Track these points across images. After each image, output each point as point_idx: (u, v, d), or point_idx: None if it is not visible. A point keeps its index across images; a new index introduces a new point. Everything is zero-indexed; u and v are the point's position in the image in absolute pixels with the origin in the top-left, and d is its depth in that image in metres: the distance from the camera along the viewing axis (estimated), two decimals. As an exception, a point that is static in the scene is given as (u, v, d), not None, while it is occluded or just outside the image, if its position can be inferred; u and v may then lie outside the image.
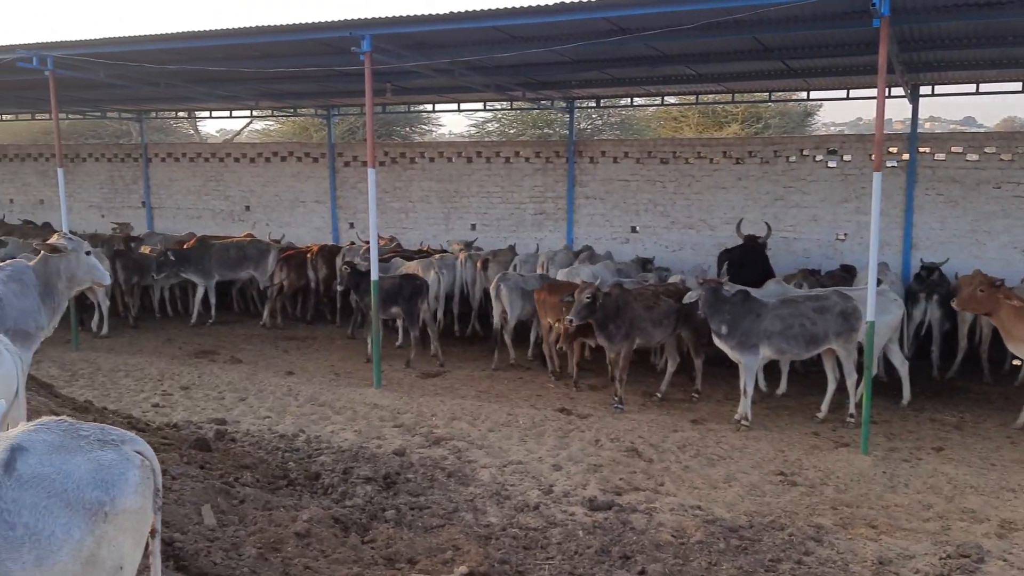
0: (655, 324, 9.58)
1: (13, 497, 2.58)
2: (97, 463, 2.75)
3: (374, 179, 10.21)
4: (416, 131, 27.45)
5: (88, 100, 18.05)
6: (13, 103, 18.66)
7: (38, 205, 21.34)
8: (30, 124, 24.72)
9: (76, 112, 20.34)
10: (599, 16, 8.68)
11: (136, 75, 12.96)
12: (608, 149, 15.87)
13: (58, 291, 6.72)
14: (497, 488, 7.11)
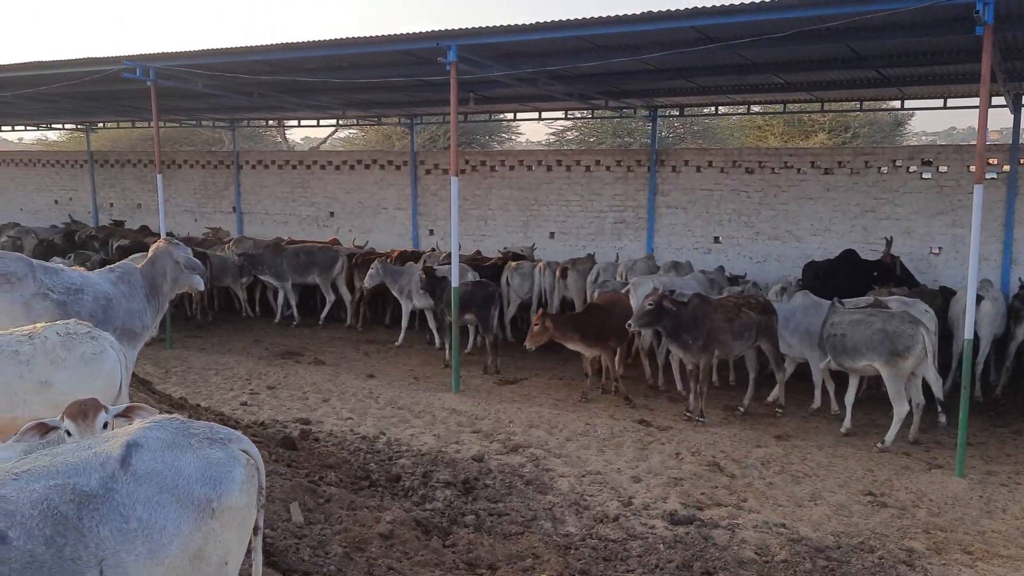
0: (735, 336, 9.39)
1: (128, 491, 2.68)
2: (206, 460, 2.85)
3: (457, 187, 10.33)
4: (495, 139, 27.67)
5: (185, 109, 18.82)
6: (115, 111, 19.59)
7: (136, 209, 22.31)
8: (129, 132, 25.90)
9: (173, 120, 21.20)
10: (687, 25, 8.59)
11: (231, 85, 13.43)
12: (691, 158, 15.69)
13: (162, 293, 7.02)
14: (576, 498, 7.09)
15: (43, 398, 4.47)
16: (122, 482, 2.69)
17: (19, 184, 24.55)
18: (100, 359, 4.59)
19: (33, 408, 4.43)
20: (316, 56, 11.28)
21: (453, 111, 10.26)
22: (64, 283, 6.43)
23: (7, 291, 6.09)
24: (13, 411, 4.47)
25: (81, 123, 23.14)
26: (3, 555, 2.46)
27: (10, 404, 4.48)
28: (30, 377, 4.49)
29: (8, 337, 4.61)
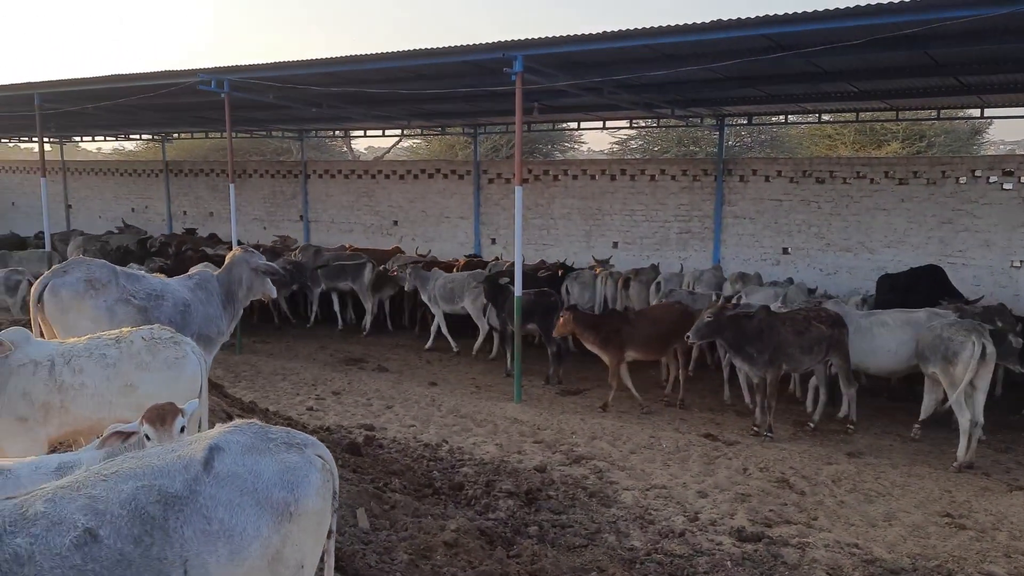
0: (804, 351, 9.15)
1: (211, 494, 2.74)
2: (284, 465, 2.90)
3: (521, 197, 10.33)
4: (558, 148, 27.66)
5: (256, 120, 19.31)
6: (190, 123, 20.20)
7: (208, 217, 22.95)
8: (202, 142, 26.72)
9: (245, 131, 21.76)
10: (757, 33, 8.45)
11: (301, 97, 13.73)
12: (760, 167, 15.43)
13: (238, 299, 7.20)
14: (640, 512, 6.99)
15: (128, 400, 4.62)
16: (205, 484, 2.75)
17: (98, 193, 25.49)
18: (182, 363, 4.74)
19: (118, 410, 4.58)
20: (383, 68, 11.44)
21: (518, 121, 10.28)
22: (145, 289, 6.64)
23: (92, 296, 6.31)
24: (100, 413, 4.64)
25: (157, 134, 23.93)
26: (95, 553, 2.52)
27: (97, 406, 4.64)
28: (116, 380, 4.66)
29: (96, 341, 4.79)
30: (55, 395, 4.59)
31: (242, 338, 13.51)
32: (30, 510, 2.54)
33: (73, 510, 2.57)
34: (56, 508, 2.56)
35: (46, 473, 3.39)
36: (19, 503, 2.58)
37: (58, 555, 2.48)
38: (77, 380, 4.61)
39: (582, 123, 17.89)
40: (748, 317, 9.01)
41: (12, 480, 3.32)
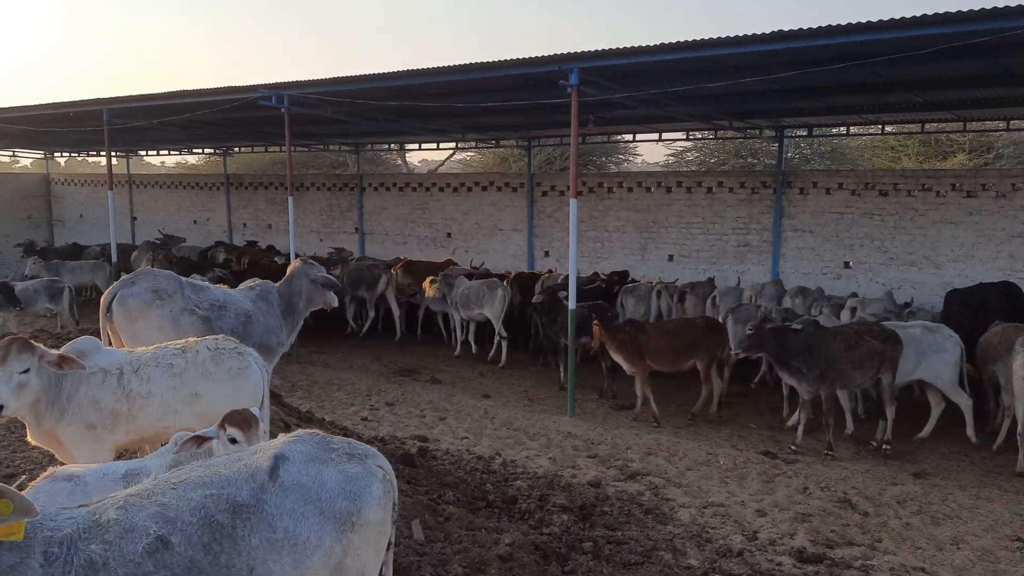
0: (855, 366, 8.90)
1: (276, 502, 2.76)
2: (346, 475, 2.91)
3: (576, 209, 10.30)
4: (612, 160, 27.55)
5: (314, 134, 19.66)
6: (250, 137, 20.68)
7: (267, 229, 23.39)
8: (261, 156, 27.28)
9: (303, 145, 22.16)
10: (820, 44, 8.30)
11: (358, 111, 13.92)
12: (820, 180, 15.13)
13: (298, 311, 7.30)
14: (697, 530, 6.87)
15: (192, 409, 4.72)
16: (271, 493, 2.78)
17: (162, 205, 26.19)
18: (246, 374, 4.82)
19: (183, 419, 4.68)
20: (439, 82, 11.53)
21: (573, 134, 10.26)
22: (209, 300, 6.78)
23: (159, 306, 6.47)
24: (165, 421, 4.74)
25: (219, 148, 24.52)
26: (167, 560, 2.56)
27: (163, 414, 4.75)
28: (182, 389, 4.76)
29: (163, 351, 4.91)
30: (123, 403, 4.69)
31: (299, 348, 13.70)
32: (103, 517, 2.59)
33: (145, 517, 2.61)
34: (128, 515, 2.60)
35: (114, 479, 3.47)
36: (92, 510, 2.63)
37: (131, 561, 2.52)
38: (145, 389, 4.71)
39: (637, 135, 17.79)
40: (795, 331, 8.84)
41: (81, 486, 3.40)
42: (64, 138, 22.08)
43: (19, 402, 4.39)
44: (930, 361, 9.26)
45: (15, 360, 4.30)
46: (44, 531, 2.49)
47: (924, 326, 9.56)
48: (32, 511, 2.25)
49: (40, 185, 28.45)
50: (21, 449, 6.43)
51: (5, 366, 4.29)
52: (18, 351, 4.34)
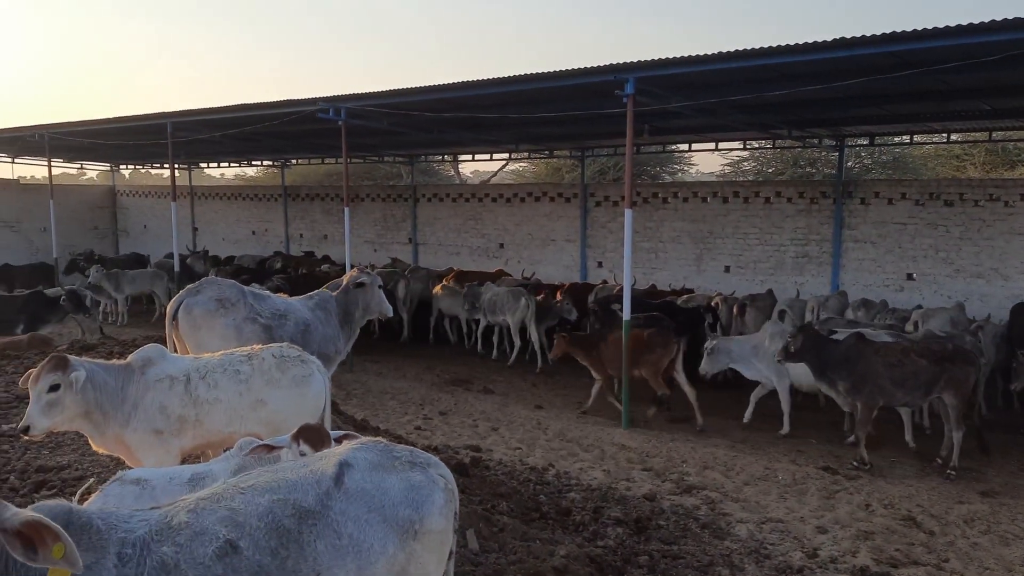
0: (897, 384, 8.66)
1: (341, 509, 2.78)
2: (409, 483, 2.92)
3: (631, 220, 10.24)
4: (666, 170, 27.34)
5: (369, 146, 19.93)
6: (308, 149, 21.04)
7: (322, 240, 23.76)
8: (318, 167, 27.75)
9: (358, 156, 22.48)
10: (883, 51, 8.11)
11: (413, 123, 14.07)
12: (882, 190, 14.80)
13: (355, 320, 7.40)
14: (755, 545, 6.73)
15: (257, 415, 4.80)
16: (336, 499, 2.79)
17: (222, 216, 26.81)
18: (309, 381, 4.90)
19: (248, 424, 4.76)
20: (494, 93, 11.59)
21: (629, 144, 10.20)
22: (270, 308, 6.91)
23: (222, 315, 6.61)
24: (231, 426, 4.83)
25: (277, 160, 25.02)
26: (235, 564, 2.60)
27: (229, 420, 4.84)
28: (248, 396, 4.84)
29: (230, 357, 5.01)
30: (190, 409, 4.79)
31: (353, 357, 13.85)
32: (175, 520, 2.63)
33: (214, 521, 2.65)
34: (199, 519, 2.64)
35: (180, 483, 3.54)
36: (164, 513, 2.68)
37: (201, 564, 2.56)
38: (212, 395, 4.81)
39: (693, 144, 17.63)
40: (835, 342, 8.75)
41: (148, 490, 3.49)
42: (129, 151, 22.79)
43: (51, 420, 4.43)
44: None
45: (44, 379, 4.38)
46: (118, 532, 2.54)
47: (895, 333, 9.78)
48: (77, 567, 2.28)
49: (106, 196, 29.37)
50: (89, 452, 6.61)
51: (35, 385, 4.37)
52: (49, 369, 4.40)
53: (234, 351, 5.15)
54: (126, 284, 18.40)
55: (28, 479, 5.99)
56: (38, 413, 4.38)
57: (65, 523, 2.50)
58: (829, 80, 9.31)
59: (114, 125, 16.60)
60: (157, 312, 18.60)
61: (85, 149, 21.66)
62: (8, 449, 6.85)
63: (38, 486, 5.86)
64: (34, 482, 5.93)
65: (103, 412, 4.68)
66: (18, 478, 6.00)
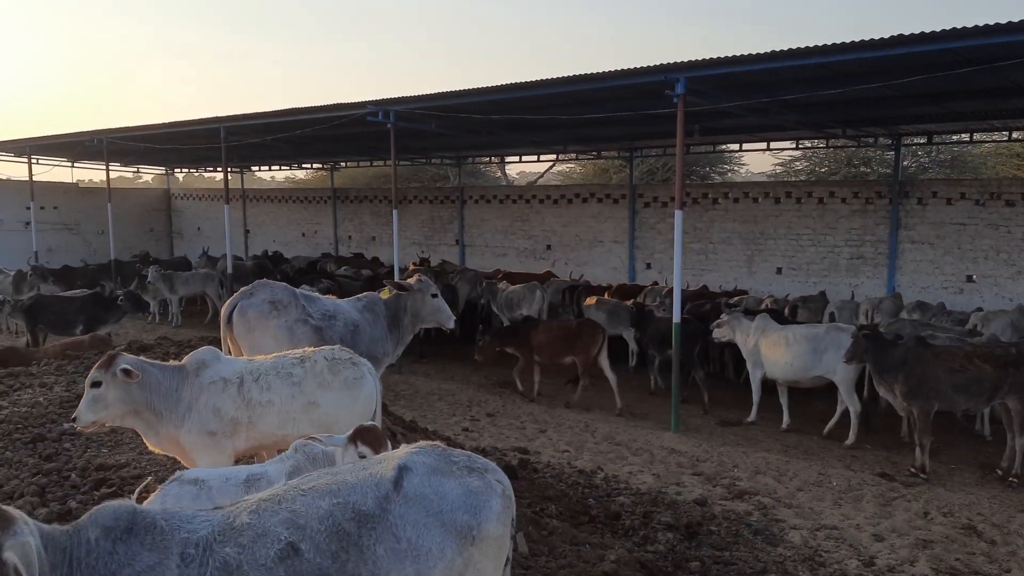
0: (958, 389, 8.42)
1: (400, 513, 2.79)
2: (467, 488, 2.91)
3: (681, 221, 10.14)
4: (716, 170, 27.02)
5: (417, 148, 20.06)
6: (357, 152, 21.29)
7: (370, 241, 24.00)
8: (366, 170, 28.03)
9: (406, 159, 22.66)
10: (943, 48, 7.90)
11: (461, 125, 14.12)
12: (940, 189, 14.43)
13: (403, 325, 7.43)
14: (809, 553, 6.59)
15: (310, 417, 4.84)
16: (395, 503, 2.80)
17: (273, 219, 27.24)
18: (360, 383, 4.93)
19: (300, 426, 4.80)
20: (543, 94, 11.57)
21: (679, 144, 10.09)
22: (321, 310, 6.99)
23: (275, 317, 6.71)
24: (283, 428, 4.88)
25: (326, 162, 25.34)
26: (296, 566, 2.62)
27: (281, 422, 4.89)
28: (300, 398, 4.89)
29: (282, 360, 5.06)
30: (244, 411, 4.84)
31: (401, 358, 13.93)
32: (237, 521, 2.66)
33: (276, 523, 2.67)
34: (260, 520, 2.67)
35: (236, 484, 3.59)
36: (226, 513, 2.71)
37: (263, 566, 2.58)
38: (265, 397, 4.86)
39: (744, 144, 17.39)
40: (895, 344, 8.60)
41: (206, 490, 3.54)
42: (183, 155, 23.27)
43: (95, 415, 4.61)
44: (829, 358, 9.65)
45: (90, 375, 4.60)
46: (181, 532, 2.58)
47: (835, 327, 10.04)
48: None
49: (161, 199, 30.07)
50: (147, 451, 6.76)
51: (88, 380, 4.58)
52: (96, 366, 4.61)
53: (286, 353, 5.20)
54: (180, 285, 18.78)
55: (88, 477, 6.14)
56: (84, 407, 4.60)
57: (130, 523, 2.57)
58: (886, 78, 9.10)
59: (169, 130, 16.99)
60: (210, 313, 18.96)
61: (141, 153, 22.19)
62: (70, 447, 7.03)
63: (98, 484, 6.00)
64: (94, 480, 6.07)
65: (155, 412, 4.77)
66: (79, 475, 6.16)
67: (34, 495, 5.65)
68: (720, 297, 13.67)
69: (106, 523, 2.57)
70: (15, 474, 6.21)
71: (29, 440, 7.08)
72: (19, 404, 8.34)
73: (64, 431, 7.43)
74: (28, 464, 6.44)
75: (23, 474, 6.18)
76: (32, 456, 6.68)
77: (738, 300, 13.22)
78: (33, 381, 9.50)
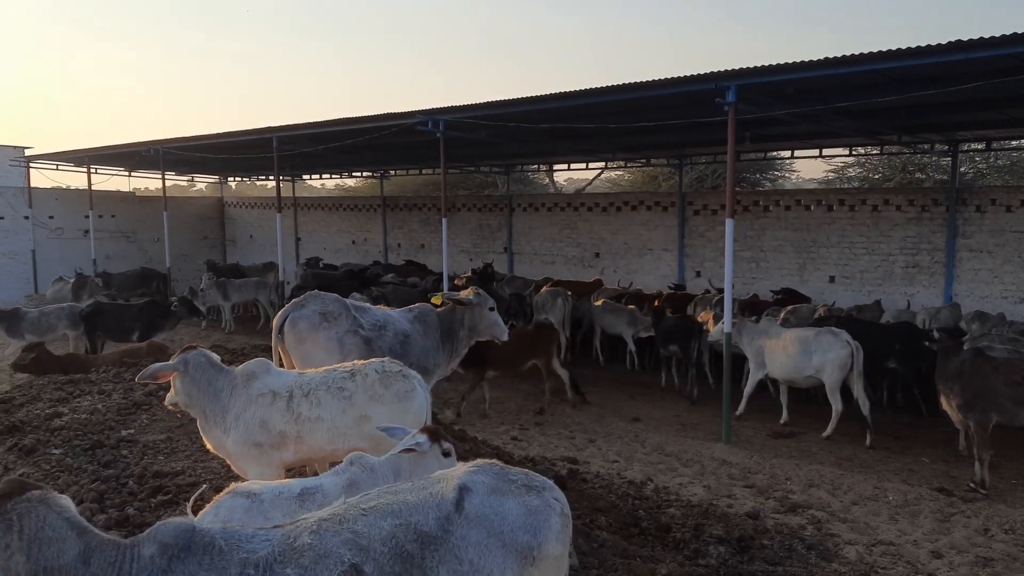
0: (1019, 402, 8.16)
1: (462, 534, 2.79)
2: (526, 507, 2.91)
3: (732, 229, 10.03)
4: (766, 177, 26.66)
5: (466, 156, 20.19)
6: (406, 160, 21.48)
7: (419, 249, 24.18)
8: (415, 178, 28.28)
9: (455, 167, 22.81)
10: (1003, 53, 7.70)
11: (510, 133, 14.16)
12: (999, 196, 14.04)
13: (458, 338, 7.44)
14: (865, 569, 6.46)
15: (361, 431, 4.84)
16: (456, 524, 2.80)
17: (323, 226, 27.62)
18: (411, 396, 4.93)
19: (351, 441, 4.81)
20: (592, 103, 11.54)
21: (730, 152, 9.99)
22: (371, 320, 7.06)
23: (326, 328, 6.79)
24: (334, 443, 4.88)
25: (376, 171, 25.62)
26: None
27: (332, 437, 4.88)
28: (351, 412, 4.88)
29: (333, 374, 5.06)
30: (292, 425, 4.84)
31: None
32: (298, 541, 2.66)
33: (338, 544, 2.67)
34: (322, 541, 2.66)
35: (289, 497, 3.58)
36: (286, 533, 2.71)
37: None
38: (315, 413, 4.85)
39: (796, 151, 17.15)
40: (953, 355, 8.43)
41: (258, 504, 3.52)
42: (237, 164, 23.76)
43: (173, 398, 4.92)
44: (818, 360, 10.22)
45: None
46: (240, 552, 2.59)
47: (829, 330, 10.38)
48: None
49: (215, 208, 30.69)
50: (203, 459, 6.90)
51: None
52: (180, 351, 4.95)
53: (336, 367, 5.20)
54: (233, 292, 19.10)
55: (145, 484, 6.24)
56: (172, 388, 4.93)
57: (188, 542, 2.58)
58: (944, 84, 8.89)
59: (223, 140, 17.34)
60: (261, 320, 19.28)
61: (196, 162, 22.68)
62: (127, 454, 7.17)
63: (155, 491, 6.08)
64: (151, 487, 6.16)
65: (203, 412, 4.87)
66: (136, 482, 6.25)
67: (93, 501, 5.75)
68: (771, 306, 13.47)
69: (165, 540, 2.58)
70: (75, 480, 6.32)
71: (88, 447, 7.21)
72: (79, 411, 8.53)
73: (122, 438, 7.61)
74: (87, 471, 6.57)
75: (82, 480, 6.30)
76: (91, 463, 6.80)
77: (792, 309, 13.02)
78: (92, 388, 9.73)
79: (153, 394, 9.13)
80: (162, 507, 5.65)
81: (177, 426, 7.99)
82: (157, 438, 7.65)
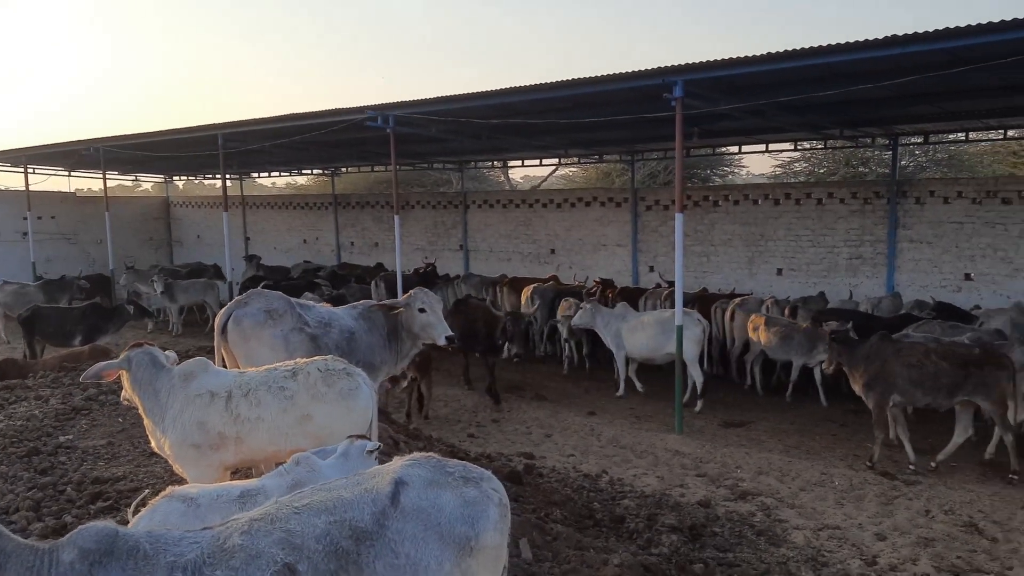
0: (916, 384, 8.51)
1: (398, 528, 2.77)
2: (463, 499, 2.90)
3: (681, 224, 10.16)
4: (716, 173, 27.02)
5: (418, 153, 20.09)
6: (357, 157, 21.30)
7: (373, 248, 24.01)
8: (367, 175, 28.06)
9: (407, 164, 22.67)
10: (938, 48, 7.91)
11: (462, 129, 14.12)
12: (937, 188, 14.44)
13: (401, 339, 7.33)
14: (812, 553, 6.62)
15: (303, 430, 4.72)
16: (392, 519, 2.78)
17: (273, 225, 27.25)
18: (356, 395, 4.84)
19: (294, 441, 4.68)
20: (542, 98, 11.57)
21: (678, 147, 10.12)
22: (316, 318, 6.97)
23: (271, 326, 6.68)
24: (276, 444, 4.75)
25: (327, 168, 25.34)
26: None
27: (273, 438, 4.75)
28: (293, 411, 4.75)
29: (274, 373, 4.92)
30: (231, 426, 4.71)
31: (404, 364, 13.93)
32: (227, 543, 2.59)
33: (270, 543, 2.61)
34: (253, 541, 2.60)
35: (228, 501, 3.48)
36: (216, 535, 2.64)
37: None
38: (254, 413, 4.72)
39: (743, 147, 17.41)
40: (861, 340, 8.95)
41: (194, 508, 3.42)
42: (182, 162, 23.29)
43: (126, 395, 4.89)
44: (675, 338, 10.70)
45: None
46: (167, 556, 2.51)
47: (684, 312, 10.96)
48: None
49: (160, 208, 30.05)
50: (144, 464, 6.75)
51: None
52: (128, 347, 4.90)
53: (277, 366, 5.07)
54: (180, 294, 18.66)
55: (84, 490, 6.00)
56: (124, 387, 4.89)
57: (110, 547, 2.50)
58: (882, 79, 9.11)
59: (166, 137, 16.96)
60: (210, 322, 18.96)
61: (139, 161, 22.18)
62: (66, 461, 6.90)
63: (94, 497, 5.87)
64: (90, 493, 5.94)
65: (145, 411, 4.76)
66: (75, 489, 6.02)
67: (29, 509, 5.53)
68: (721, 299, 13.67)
69: (86, 545, 2.49)
70: (10, 488, 6.09)
71: (24, 454, 6.93)
72: (14, 417, 8.24)
73: (60, 444, 7.37)
74: (23, 478, 6.33)
75: (18, 488, 6.06)
76: (27, 470, 6.54)
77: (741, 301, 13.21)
78: (29, 394, 9.43)
79: (93, 399, 8.90)
80: (102, 514, 5.46)
81: (119, 431, 7.80)
82: (97, 443, 7.43)
